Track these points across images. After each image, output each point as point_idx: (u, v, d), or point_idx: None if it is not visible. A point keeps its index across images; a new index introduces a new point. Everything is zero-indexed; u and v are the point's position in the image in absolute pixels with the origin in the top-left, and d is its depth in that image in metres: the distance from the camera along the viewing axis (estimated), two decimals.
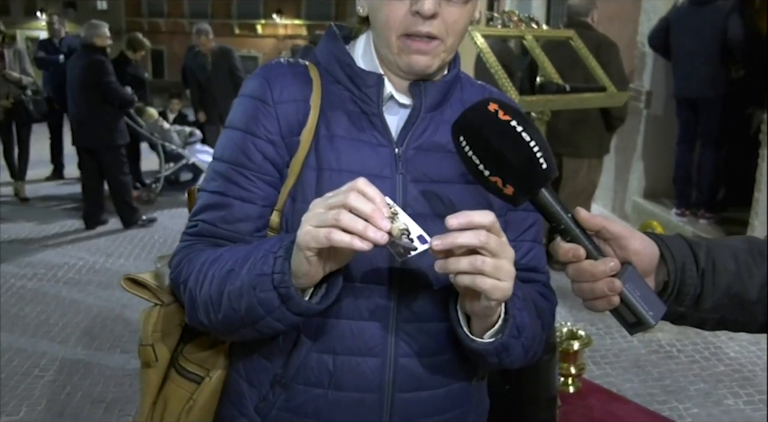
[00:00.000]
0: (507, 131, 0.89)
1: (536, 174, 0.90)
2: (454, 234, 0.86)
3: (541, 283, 1.18)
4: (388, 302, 1.06)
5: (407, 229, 0.88)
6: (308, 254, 0.89)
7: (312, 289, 0.98)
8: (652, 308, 0.92)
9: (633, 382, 3.57)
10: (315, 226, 0.88)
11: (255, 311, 0.97)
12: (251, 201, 1.08)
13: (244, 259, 0.99)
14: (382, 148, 1.07)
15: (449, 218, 0.86)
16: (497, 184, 0.91)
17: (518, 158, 0.89)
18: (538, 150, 0.89)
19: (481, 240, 0.86)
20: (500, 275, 0.88)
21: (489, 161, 0.90)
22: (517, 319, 0.99)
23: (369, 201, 0.86)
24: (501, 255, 0.88)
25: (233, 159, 1.08)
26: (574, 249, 0.92)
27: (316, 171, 1.06)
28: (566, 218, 0.93)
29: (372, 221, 0.85)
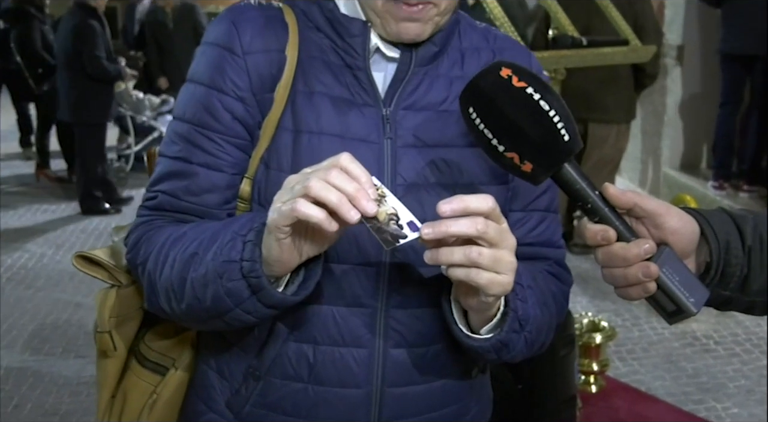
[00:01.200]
0: (523, 99, 0.89)
1: (558, 148, 0.90)
2: (447, 222, 0.86)
3: (554, 260, 1.19)
4: (376, 286, 1.07)
5: (396, 214, 0.89)
6: (280, 237, 0.90)
7: (287, 277, 0.98)
8: (694, 293, 0.93)
9: (664, 380, 3.61)
10: (285, 202, 0.88)
11: (222, 303, 0.97)
12: (218, 168, 1.08)
13: (209, 241, 0.99)
14: (367, 108, 1.07)
15: (441, 204, 0.86)
16: (514, 160, 0.92)
17: (537, 130, 0.89)
18: (559, 120, 0.89)
19: (479, 229, 0.86)
20: (499, 267, 0.89)
21: (504, 135, 0.91)
22: (520, 312, 1.00)
23: (353, 180, 0.87)
24: (500, 245, 0.89)
25: (196, 119, 1.08)
26: (603, 231, 0.93)
27: (293, 133, 1.06)
28: (594, 196, 0.93)
29: (355, 202, 0.86)
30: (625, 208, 0.95)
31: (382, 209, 0.88)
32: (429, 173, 1.07)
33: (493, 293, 0.91)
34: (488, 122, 0.91)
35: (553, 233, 1.19)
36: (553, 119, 0.90)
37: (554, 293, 1.14)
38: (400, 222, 0.89)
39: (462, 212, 0.87)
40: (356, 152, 0.96)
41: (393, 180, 1.06)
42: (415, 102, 1.09)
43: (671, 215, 0.95)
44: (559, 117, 0.90)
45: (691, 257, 0.97)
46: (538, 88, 0.90)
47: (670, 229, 0.95)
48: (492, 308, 0.99)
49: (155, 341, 1.19)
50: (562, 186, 0.95)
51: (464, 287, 0.95)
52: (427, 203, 1.02)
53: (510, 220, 1.11)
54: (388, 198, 0.90)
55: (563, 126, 0.90)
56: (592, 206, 0.94)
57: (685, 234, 0.96)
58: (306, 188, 0.86)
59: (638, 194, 0.95)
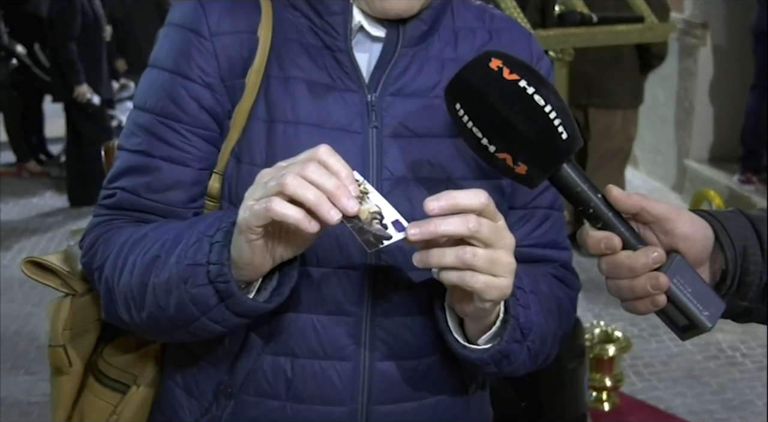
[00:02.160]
0: (515, 94, 0.89)
1: (555, 147, 0.90)
2: (436, 221, 0.86)
3: (559, 263, 1.19)
4: (361, 292, 1.07)
5: (379, 212, 0.89)
6: (251, 238, 0.90)
7: (259, 282, 0.99)
8: (708, 306, 0.93)
9: (686, 396, 3.61)
10: (257, 199, 0.89)
11: (187, 311, 0.98)
12: (184, 163, 1.08)
13: (173, 243, 0.99)
14: (350, 94, 1.07)
15: (428, 201, 0.87)
16: (506, 162, 0.92)
17: (531, 128, 0.89)
18: (556, 116, 0.90)
19: (470, 228, 0.87)
20: (496, 269, 0.89)
21: (494, 134, 0.91)
22: (521, 319, 1.00)
23: (332, 176, 0.87)
24: (496, 245, 0.89)
25: (159, 108, 1.08)
26: (607, 238, 0.93)
27: (266, 124, 1.06)
28: (596, 199, 0.93)
29: (335, 200, 0.86)
30: (631, 212, 0.94)
31: (365, 207, 0.89)
32: (419, 166, 1.07)
33: (490, 298, 0.91)
34: (477, 119, 0.91)
35: (558, 233, 1.19)
36: (549, 115, 0.90)
37: (560, 299, 1.14)
38: (384, 221, 0.89)
39: (452, 210, 0.87)
40: (338, 143, 0.96)
41: (379, 174, 1.06)
42: (403, 87, 1.09)
43: (682, 219, 0.95)
44: (556, 113, 0.90)
45: (704, 265, 0.97)
46: (532, 81, 0.90)
47: (681, 235, 0.95)
48: (490, 316, 0.98)
49: (115, 355, 1.19)
50: (561, 189, 0.95)
51: (458, 292, 0.95)
52: (417, 199, 1.00)
53: (510, 219, 1.11)
54: (371, 195, 0.90)
55: (561, 123, 0.90)
56: (594, 210, 0.94)
57: (697, 240, 0.95)
58: (281, 185, 0.86)
59: (645, 197, 0.95)
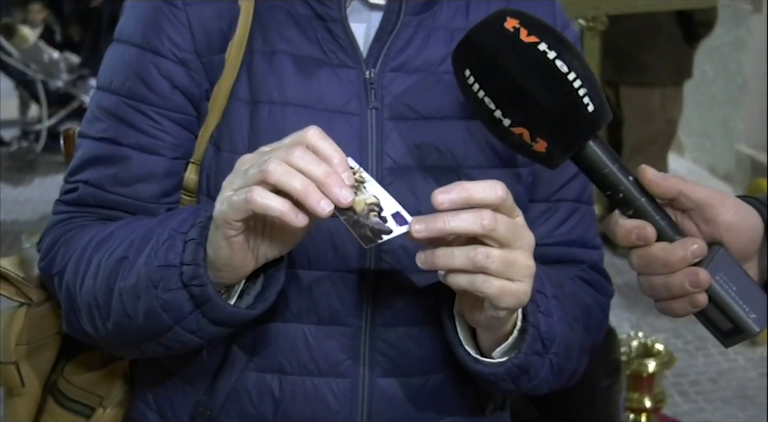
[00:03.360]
0: (534, 59, 0.89)
1: (579, 120, 0.90)
2: (445, 216, 0.86)
3: (588, 264, 1.19)
4: (359, 298, 1.07)
5: (377, 203, 0.89)
6: (230, 234, 0.90)
7: (241, 286, 0.99)
8: (755, 308, 0.92)
9: (737, 418, 3.59)
10: (236, 190, 0.89)
11: (158, 319, 0.97)
12: (155, 151, 1.09)
13: (142, 241, 0.99)
14: (345, 70, 1.07)
15: (437, 194, 0.86)
16: (523, 137, 0.91)
17: (552, 98, 0.89)
18: (581, 85, 0.89)
19: (485, 225, 0.86)
20: (512, 273, 0.89)
21: (509, 105, 0.90)
22: (542, 328, 0.99)
23: (322, 161, 0.87)
24: (513, 245, 0.89)
25: (126, 89, 1.08)
26: (639, 228, 0.93)
27: (249, 105, 1.07)
28: (627, 182, 0.93)
29: (326, 189, 0.85)
30: (668, 197, 0.94)
31: (360, 198, 0.88)
32: (425, 152, 1.07)
33: (505, 305, 0.91)
34: (489, 88, 0.91)
35: (587, 230, 1.18)
36: (572, 84, 0.89)
37: (589, 306, 1.13)
38: (384, 214, 0.89)
39: (464, 204, 0.86)
40: (331, 126, 0.96)
41: (379, 162, 1.06)
42: (407, 61, 1.09)
43: (726, 206, 0.94)
44: (581, 81, 0.89)
45: (752, 260, 0.97)
46: (553, 44, 0.90)
47: (725, 224, 0.94)
48: (506, 325, 0.98)
49: (77, 374, 1.18)
50: (586, 170, 0.95)
51: (469, 298, 0.95)
52: (423, 191, 1.02)
53: (531, 213, 1.12)
54: (368, 184, 0.90)
55: (586, 93, 0.89)
56: (624, 195, 0.93)
57: (744, 230, 0.94)
58: (263, 173, 0.85)
59: (683, 180, 0.94)
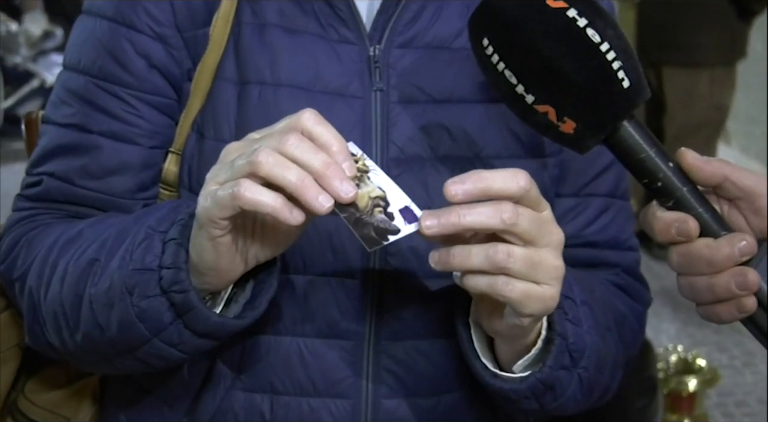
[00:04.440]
0: (562, 27, 0.87)
1: (613, 97, 0.88)
2: (460, 210, 0.84)
3: (623, 268, 1.17)
4: (363, 306, 1.06)
5: (384, 197, 0.87)
6: (214, 233, 0.87)
7: (228, 292, 0.97)
8: None
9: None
10: (222, 183, 0.86)
11: (134, 331, 0.95)
12: (130, 139, 1.06)
13: (115, 241, 0.97)
14: (346, 46, 1.06)
15: (450, 184, 0.84)
16: (548, 116, 0.89)
17: (582, 71, 0.86)
18: (616, 57, 0.86)
19: (506, 219, 0.84)
20: (538, 274, 0.87)
21: (533, 80, 0.88)
22: (571, 339, 0.98)
23: (320, 150, 0.85)
24: (539, 242, 0.86)
25: (97, 68, 1.06)
26: (679, 221, 0.90)
27: (237, 86, 1.05)
28: (666, 169, 0.91)
29: (324, 182, 0.83)
30: (711, 184, 0.92)
31: (364, 191, 0.86)
32: (437, 140, 1.06)
33: (530, 311, 0.87)
34: (511, 59, 0.88)
35: (622, 229, 1.17)
36: (605, 56, 0.86)
37: (623, 315, 1.12)
38: (390, 210, 0.86)
39: (481, 195, 0.84)
40: (330, 110, 0.95)
41: (384, 152, 1.05)
42: (417, 36, 1.07)
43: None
44: (616, 53, 0.86)
45: None
46: (584, 10, 0.87)
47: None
48: (529, 334, 0.96)
49: (40, 392, 1.17)
50: (621, 155, 0.92)
51: (488, 303, 0.92)
52: (435, 185, 1.01)
53: (558, 210, 1.10)
54: (372, 174, 0.88)
55: (621, 66, 0.86)
56: (663, 184, 0.90)
57: None
58: (252, 164, 0.83)
59: (729, 165, 0.92)
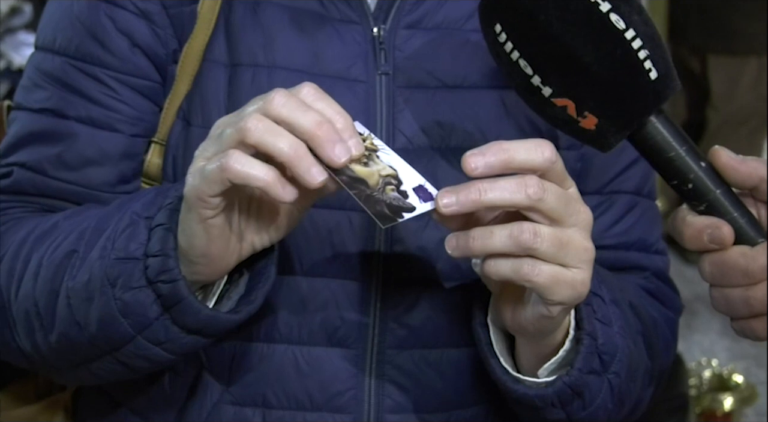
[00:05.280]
0: (582, 11, 0.85)
1: (639, 90, 0.86)
2: (480, 185, 0.82)
3: (651, 271, 1.16)
4: (366, 312, 1.04)
5: (396, 175, 0.86)
6: (205, 214, 0.85)
7: (221, 285, 0.95)
8: None
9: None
10: (210, 157, 0.84)
11: (116, 328, 0.93)
12: (110, 126, 1.05)
13: (95, 231, 0.96)
14: (349, 26, 1.05)
15: (469, 156, 0.82)
16: (567, 111, 0.87)
17: (604, 61, 0.85)
18: (642, 45, 0.84)
19: (531, 194, 0.82)
20: (567, 256, 0.84)
21: (550, 70, 0.86)
22: (600, 339, 0.96)
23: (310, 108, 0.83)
24: (567, 220, 0.84)
25: (74, 48, 1.05)
26: (712, 227, 0.88)
27: (228, 69, 1.04)
28: (698, 169, 0.88)
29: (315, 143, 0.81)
30: (747, 186, 0.90)
31: (374, 169, 0.85)
32: (447, 129, 1.05)
33: (559, 298, 0.85)
34: (526, 47, 0.86)
35: (649, 230, 1.16)
36: (631, 44, 0.84)
37: (655, 320, 1.10)
38: (403, 188, 0.85)
39: (504, 168, 0.81)
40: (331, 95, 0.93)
41: (389, 141, 1.03)
42: (425, 16, 1.06)
43: None
44: (642, 41, 0.84)
45: None
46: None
47: None
48: (555, 331, 0.94)
49: (8, 408, 1.16)
50: (648, 154, 0.90)
51: (511, 294, 0.90)
52: (446, 176, 0.99)
53: None
54: (381, 153, 0.87)
55: (648, 55, 0.84)
56: (695, 186, 0.88)
57: None
58: (240, 131, 0.80)
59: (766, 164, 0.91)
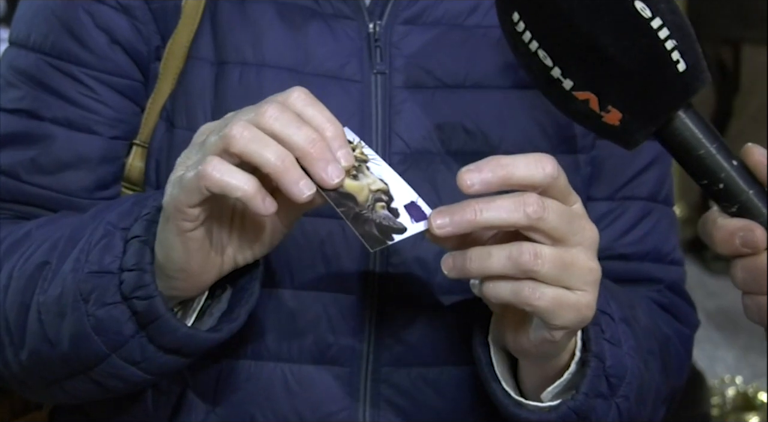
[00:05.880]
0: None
1: (666, 83, 0.84)
2: (476, 204, 0.81)
3: (665, 284, 1.14)
4: (360, 328, 1.03)
5: (386, 190, 0.85)
6: (184, 226, 0.83)
7: (201, 302, 0.94)
8: None
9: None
10: (191, 166, 0.83)
11: (89, 346, 0.91)
12: (88, 128, 1.03)
13: (69, 241, 0.94)
14: (342, 21, 1.04)
15: (465, 172, 0.81)
16: (589, 104, 0.86)
17: (629, 52, 0.83)
18: (669, 35, 0.83)
19: (531, 213, 0.80)
20: (571, 278, 0.83)
21: (572, 61, 0.85)
22: (608, 361, 0.94)
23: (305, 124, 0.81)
24: (570, 239, 0.83)
25: (50, 45, 1.04)
26: (745, 230, 0.86)
27: (214, 67, 1.03)
28: (729, 167, 0.87)
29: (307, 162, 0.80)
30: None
31: (363, 183, 0.83)
32: (448, 132, 1.04)
33: (563, 322, 0.83)
34: (545, 37, 0.84)
35: (665, 238, 1.14)
36: (657, 34, 0.82)
37: (667, 338, 1.08)
38: (394, 205, 0.83)
39: (501, 185, 0.80)
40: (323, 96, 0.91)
41: (386, 145, 1.02)
42: (424, 12, 1.05)
43: None
44: (670, 30, 0.82)
45: None
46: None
47: None
48: (561, 353, 0.92)
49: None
50: (675, 151, 0.88)
51: (512, 316, 0.89)
52: (446, 183, 0.99)
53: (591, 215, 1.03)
54: (372, 164, 0.86)
55: (676, 46, 0.82)
56: (726, 185, 0.86)
57: None
58: (224, 139, 0.79)
59: None
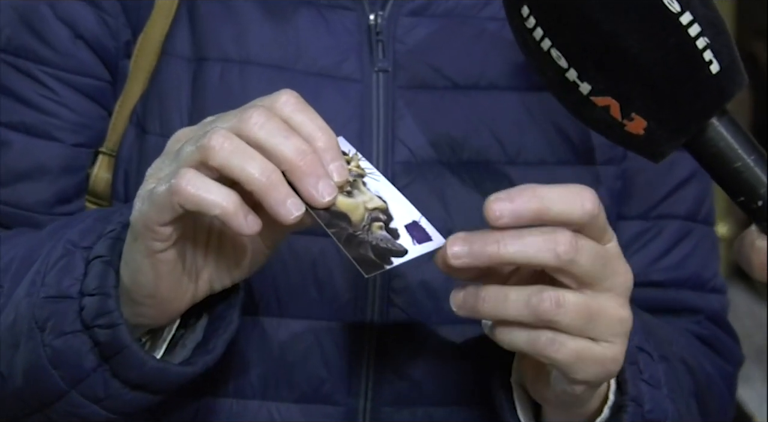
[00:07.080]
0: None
1: (698, 88, 0.82)
2: (502, 237, 0.77)
3: (706, 314, 1.11)
4: (357, 362, 1.01)
5: (384, 209, 0.83)
6: (154, 246, 0.79)
7: (173, 331, 0.91)
8: None
9: None
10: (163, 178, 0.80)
11: (45, 380, 0.89)
12: (47, 134, 1.01)
13: (24, 262, 0.93)
14: (339, 12, 1.02)
15: (493, 202, 0.77)
16: (610, 111, 0.83)
17: (655, 52, 0.81)
18: (701, 32, 0.80)
19: (561, 254, 0.77)
20: (597, 329, 0.80)
21: (589, 63, 0.83)
22: (647, 406, 0.91)
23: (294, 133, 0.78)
24: (600, 284, 0.79)
25: (4, 40, 1.03)
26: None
27: (192, 64, 1.01)
28: None
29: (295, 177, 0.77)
30: None
31: (359, 200, 0.81)
32: (458, 140, 1.01)
33: (584, 377, 0.80)
34: (559, 35, 0.82)
35: (705, 263, 1.11)
36: (688, 31, 0.79)
37: (709, 377, 1.05)
38: (394, 225, 0.81)
39: (534, 219, 0.76)
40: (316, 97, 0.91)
41: (388, 153, 1.00)
42: (433, 2, 1.03)
43: None
44: (702, 26, 0.80)
45: None
46: None
47: None
48: (588, 402, 0.89)
49: None
50: (708, 164, 0.85)
51: (530, 363, 0.86)
52: (455, 198, 0.98)
53: (621, 237, 0.99)
54: (369, 179, 0.84)
55: (709, 44, 0.80)
56: (766, 202, 0.85)
57: None
58: (202, 150, 0.75)
59: None
